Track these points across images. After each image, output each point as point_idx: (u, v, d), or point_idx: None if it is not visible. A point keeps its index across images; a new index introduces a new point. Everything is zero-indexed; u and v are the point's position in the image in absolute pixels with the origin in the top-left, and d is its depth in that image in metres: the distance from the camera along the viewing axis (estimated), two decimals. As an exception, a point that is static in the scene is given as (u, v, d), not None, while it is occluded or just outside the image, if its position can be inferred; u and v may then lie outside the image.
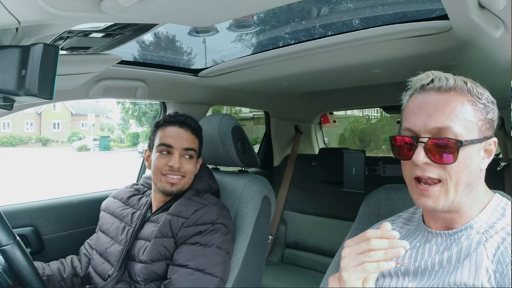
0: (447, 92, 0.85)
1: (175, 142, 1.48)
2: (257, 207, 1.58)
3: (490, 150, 0.87)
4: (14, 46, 0.84)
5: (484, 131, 0.85)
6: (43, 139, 22.47)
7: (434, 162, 0.83)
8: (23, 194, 3.57)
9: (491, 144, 0.87)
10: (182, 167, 1.47)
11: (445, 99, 0.84)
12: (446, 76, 0.86)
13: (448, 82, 0.85)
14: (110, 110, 26.10)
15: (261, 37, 2.10)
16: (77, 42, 1.25)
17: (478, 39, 1.20)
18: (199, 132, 1.56)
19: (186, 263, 1.32)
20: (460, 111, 0.83)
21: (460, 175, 0.83)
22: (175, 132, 1.49)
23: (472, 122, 0.84)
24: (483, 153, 0.86)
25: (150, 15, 0.88)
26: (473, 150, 0.84)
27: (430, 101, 0.85)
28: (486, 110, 0.85)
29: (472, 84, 0.86)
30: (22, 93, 0.82)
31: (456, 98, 0.84)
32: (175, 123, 1.51)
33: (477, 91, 0.85)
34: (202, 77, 2.07)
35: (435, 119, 0.83)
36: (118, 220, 1.56)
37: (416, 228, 0.99)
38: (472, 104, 0.84)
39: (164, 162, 1.47)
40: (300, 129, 3.21)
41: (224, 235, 1.40)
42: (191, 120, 1.55)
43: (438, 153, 0.83)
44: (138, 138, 20.69)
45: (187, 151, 1.49)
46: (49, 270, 1.54)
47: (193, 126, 1.53)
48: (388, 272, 0.94)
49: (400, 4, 1.63)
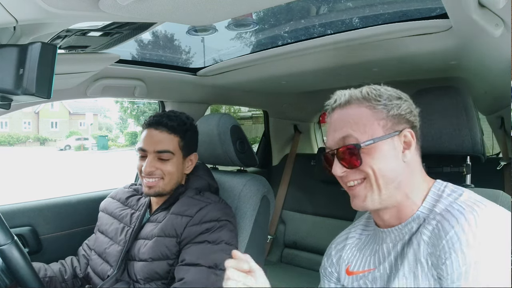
0: (346, 105, 0.93)
1: (148, 146, 1.46)
2: (256, 207, 1.58)
3: (408, 141, 0.91)
4: (11, 45, 0.84)
5: (391, 127, 0.90)
6: (41, 138, 22.46)
7: (348, 169, 0.90)
8: (20, 194, 3.56)
9: (406, 135, 0.91)
10: (156, 170, 1.45)
11: (345, 112, 0.93)
12: (345, 92, 0.95)
13: (344, 97, 0.94)
14: (108, 109, 26.10)
15: (260, 36, 2.09)
16: (75, 41, 1.25)
17: (478, 38, 1.20)
18: (178, 129, 1.49)
19: (197, 262, 1.31)
20: (357, 118, 0.90)
21: (377, 171, 0.88)
22: (149, 134, 1.47)
23: (372, 123, 0.89)
24: (400, 146, 0.90)
25: (148, 13, 0.87)
26: (383, 147, 0.89)
27: (335, 118, 0.95)
28: (387, 108, 0.90)
29: (368, 89, 0.93)
30: (20, 92, 0.82)
31: (354, 108, 0.92)
32: (150, 125, 1.48)
33: (374, 94, 0.92)
34: (200, 76, 2.07)
35: (338, 132, 0.92)
36: (117, 220, 1.56)
37: (373, 232, 1.02)
38: (370, 108, 0.90)
39: (140, 165, 1.47)
40: (299, 128, 3.21)
41: (231, 231, 1.40)
42: (169, 118, 1.49)
43: (347, 159, 0.90)
44: (137, 138, 20.71)
45: (160, 153, 1.46)
46: (51, 271, 1.53)
47: (169, 125, 1.47)
48: (357, 284, 0.98)
49: (399, 3, 1.63)
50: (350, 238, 1.07)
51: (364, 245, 1.02)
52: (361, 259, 1.00)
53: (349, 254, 1.04)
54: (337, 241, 1.11)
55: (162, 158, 1.46)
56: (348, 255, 1.04)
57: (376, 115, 0.90)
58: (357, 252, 1.03)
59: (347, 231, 1.11)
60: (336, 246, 1.09)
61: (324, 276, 1.11)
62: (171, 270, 1.36)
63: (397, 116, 0.91)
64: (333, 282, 1.07)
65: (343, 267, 1.04)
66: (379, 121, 0.90)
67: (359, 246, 1.04)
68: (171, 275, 1.36)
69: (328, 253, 1.12)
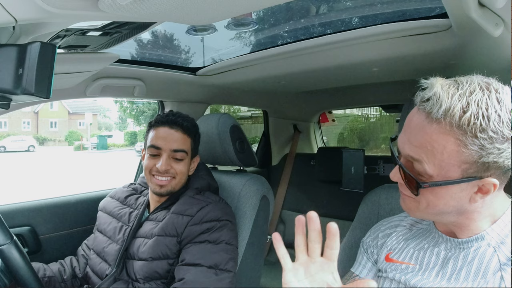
0: (433, 121, 0.73)
1: (163, 144, 1.45)
2: (256, 207, 1.58)
3: (485, 190, 0.74)
4: (11, 45, 0.83)
5: (474, 172, 0.73)
6: (40, 138, 22.45)
7: (404, 184, 0.81)
8: (20, 194, 3.56)
9: (487, 184, 0.74)
10: (171, 168, 1.45)
11: (428, 129, 0.73)
12: (442, 99, 0.71)
13: (438, 108, 0.72)
14: (107, 109, 26.11)
15: (259, 36, 2.09)
16: (75, 41, 1.25)
17: (478, 37, 1.20)
18: (192, 131, 1.52)
19: (198, 262, 1.31)
20: (438, 148, 0.73)
21: (431, 205, 0.78)
22: (165, 133, 1.47)
23: (452, 164, 0.72)
24: (473, 189, 0.75)
25: (147, 13, 0.87)
26: (451, 189, 0.75)
27: (416, 121, 0.76)
28: (481, 153, 0.70)
29: (476, 109, 0.69)
30: (19, 92, 0.81)
31: (440, 131, 0.72)
32: (165, 123, 1.48)
33: (478, 124, 0.69)
34: (200, 76, 2.07)
35: (410, 145, 0.77)
36: (115, 219, 1.55)
37: (427, 228, 0.94)
38: (459, 143, 0.71)
39: (152, 164, 1.45)
40: (299, 128, 3.21)
41: (231, 231, 1.40)
42: (183, 119, 1.50)
43: (405, 180, 0.80)
44: (136, 137, 20.69)
45: (176, 152, 1.46)
46: (50, 271, 1.54)
47: (185, 125, 1.49)
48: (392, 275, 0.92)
49: (399, 2, 1.62)
50: (400, 226, 1.00)
51: (413, 236, 0.95)
52: (403, 249, 0.94)
53: (394, 241, 0.98)
54: (389, 224, 1.04)
55: (176, 158, 1.46)
56: (393, 242, 0.98)
57: (462, 156, 0.71)
58: (403, 240, 0.96)
59: (400, 218, 1.03)
60: (385, 230, 1.03)
61: (365, 252, 1.06)
62: (171, 270, 1.36)
63: (489, 164, 0.71)
64: (370, 262, 1.04)
65: (384, 252, 0.99)
66: (462, 165, 0.72)
67: (407, 236, 0.97)
68: (171, 275, 1.36)
69: (376, 229, 1.06)
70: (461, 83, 0.74)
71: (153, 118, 1.56)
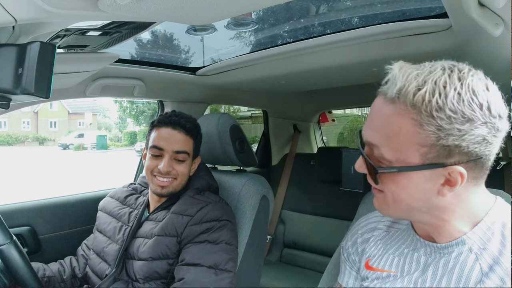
0: (389, 102, 0.70)
1: (166, 145, 1.44)
2: (256, 207, 1.57)
3: (453, 180, 0.69)
4: (10, 45, 0.83)
5: (434, 157, 0.67)
6: (40, 138, 22.43)
7: (368, 175, 0.77)
8: (19, 194, 3.56)
9: (452, 173, 0.68)
10: (173, 170, 1.45)
11: (385, 110, 0.70)
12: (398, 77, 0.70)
13: (393, 87, 0.69)
14: (107, 109, 26.09)
15: (259, 36, 2.09)
16: (74, 41, 1.25)
17: (478, 37, 1.20)
18: (194, 132, 1.51)
19: (197, 262, 1.30)
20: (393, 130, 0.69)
21: (396, 197, 0.73)
22: (167, 133, 1.46)
23: (409, 146, 0.68)
24: (439, 180, 0.70)
25: (147, 13, 0.87)
26: (411, 176, 0.70)
27: (377, 106, 0.73)
28: (438, 134, 0.66)
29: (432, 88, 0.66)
30: (18, 92, 0.81)
31: (395, 112, 0.68)
32: (167, 124, 1.47)
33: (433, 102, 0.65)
34: (200, 76, 2.07)
35: (370, 130, 0.74)
36: (115, 219, 1.55)
37: (405, 229, 0.89)
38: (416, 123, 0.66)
39: (154, 164, 1.45)
40: (299, 128, 3.21)
41: (231, 231, 1.40)
42: (186, 120, 1.49)
43: (368, 169, 0.76)
44: (136, 137, 20.68)
45: (178, 154, 1.45)
46: (50, 271, 1.53)
47: (187, 126, 1.48)
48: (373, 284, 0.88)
49: (399, 2, 1.63)
50: (377, 230, 0.95)
51: (391, 240, 0.90)
52: (383, 256, 0.89)
53: (373, 247, 0.93)
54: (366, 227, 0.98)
55: (179, 159, 1.46)
56: (371, 247, 0.93)
57: (418, 137, 0.67)
58: (382, 245, 0.91)
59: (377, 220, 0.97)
60: (363, 234, 0.98)
61: (346, 260, 1.01)
62: (171, 270, 1.36)
63: (450, 148, 0.66)
64: (354, 271, 0.99)
65: (364, 259, 0.94)
66: (420, 148, 0.67)
67: (385, 240, 0.92)
68: (170, 275, 1.36)
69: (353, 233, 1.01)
70: (424, 65, 0.72)
71: (153, 118, 1.55)
